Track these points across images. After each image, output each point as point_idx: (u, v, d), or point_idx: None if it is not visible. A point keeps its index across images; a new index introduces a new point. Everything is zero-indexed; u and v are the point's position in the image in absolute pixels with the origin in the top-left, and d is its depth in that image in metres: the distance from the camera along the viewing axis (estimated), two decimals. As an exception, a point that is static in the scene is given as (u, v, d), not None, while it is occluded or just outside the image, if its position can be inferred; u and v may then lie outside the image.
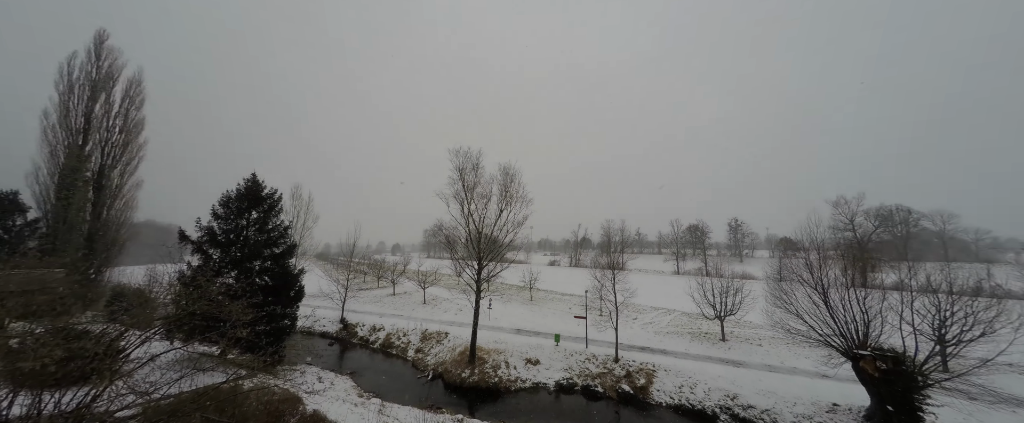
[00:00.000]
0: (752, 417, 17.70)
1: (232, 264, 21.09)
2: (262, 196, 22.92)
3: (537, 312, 38.42)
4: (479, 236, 25.21)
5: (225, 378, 9.99)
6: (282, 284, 22.28)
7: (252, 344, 14.94)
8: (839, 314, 16.61)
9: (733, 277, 29.93)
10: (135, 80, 29.32)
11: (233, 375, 11.31)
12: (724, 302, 28.09)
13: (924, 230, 73.89)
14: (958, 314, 16.69)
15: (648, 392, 20.60)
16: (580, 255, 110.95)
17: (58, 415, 6.17)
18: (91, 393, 6.56)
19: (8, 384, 6.12)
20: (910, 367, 14.88)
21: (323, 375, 22.62)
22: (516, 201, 25.38)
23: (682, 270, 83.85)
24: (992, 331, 15.31)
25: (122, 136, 28.35)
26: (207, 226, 21.62)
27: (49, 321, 7.82)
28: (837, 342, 16.63)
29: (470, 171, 25.31)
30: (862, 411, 16.58)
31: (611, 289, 25.88)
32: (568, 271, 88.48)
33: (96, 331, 8.48)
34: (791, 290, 18.95)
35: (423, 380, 23.89)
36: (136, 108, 29.20)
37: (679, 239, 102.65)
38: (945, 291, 17.57)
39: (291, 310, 22.91)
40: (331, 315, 36.92)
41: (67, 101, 26.66)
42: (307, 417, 14.88)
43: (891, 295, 17.29)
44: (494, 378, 22.50)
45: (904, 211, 71.93)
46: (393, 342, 30.61)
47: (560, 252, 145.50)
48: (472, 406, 20.22)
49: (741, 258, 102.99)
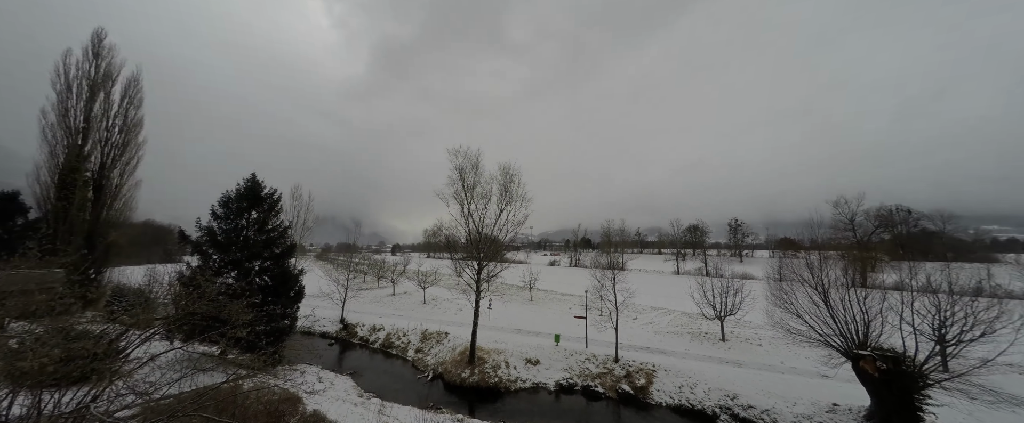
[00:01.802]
0: (752, 417, 17.70)
1: (232, 264, 21.09)
2: (262, 196, 22.93)
3: (537, 312, 38.40)
4: (479, 236, 25.20)
5: (225, 378, 9.97)
6: (282, 284, 22.30)
7: (252, 344, 14.91)
8: (839, 314, 16.60)
9: (733, 277, 29.93)
10: (134, 79, 29.30)
11: (233, 375, 11.30)
12: (724, 302, 28.07)
13: (924, 230, 73.91)
14: (958, 314, 16.66)
15: (648, 392, 20.59)
16: (580, 255, 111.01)
17: (58, 415, 6.15)
18: (91, 393, 6.54)
19: (8, 384, 6.11)
20: (910, 367, 14.88)
21: (323, 375, 22.59)
22: (516, 201, 25.37)
23: (682, 270, 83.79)
24: (992, 331, 15.29)
25: (121, 136, 28.33)
26: (207, 226, 21.63)
27: (49, 321, 7.81)
28: (837, 342, 16.61)
29: (470, 171, 25.28)
30: (862, 411, 16.57)
31: (611, 289, 25.86)
32: (568, 271, 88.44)
33: (96, 331, 8.48)
34: (791, 290, 18.94)
35: (423, 380, 23.88)
36: (135, 107, 29.18)
37: (679, 239, 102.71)
38: (945, 291, 17.56)
39: (291, 310, 22.93)
40: (331, 315, 36.89)
41: (66, 100, 26.61)
42: (307, 417, 14.87)
43: (891, 295, 17.28)
44: (494, 378, 22.49)
45: (904, 211, 71.99)
46: (393, 342, 30.59)
47: (560, 252, 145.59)
48: (472, 406, 20.20)
49: (741, 258, 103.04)
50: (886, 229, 69.86)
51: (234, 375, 11.29)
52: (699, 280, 30.89)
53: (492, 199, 25.39)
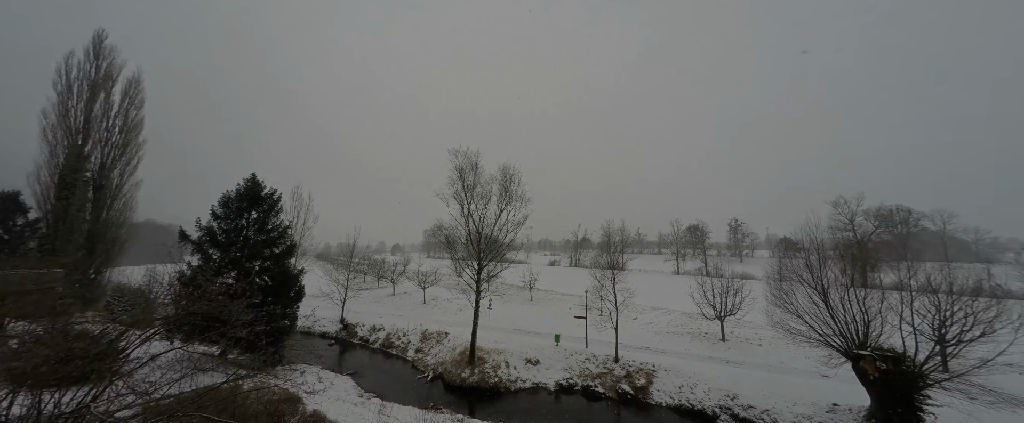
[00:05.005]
0: (752, 417, 17.70)
1: (232, 264, 21.10)
2: (262, 196, 22.93)
3: (537, 312, 38.41)
4: (479, 236, 25.20)
5: (225, 378, 9.97)
6: (282, 284, 22.30)
7: (252, 344, 14.92)
8: (839, 314, 16.60)
9: (733, 277, 29.93)
10: (134, 80, 29.25)
11: (233, 375, 11.31)
12: (724, 302, 28.08)
13: (924, 230, 73.87)
14: (958, 314, 16.67)
15: (648, 392, 20.59)
16: (580, 255, 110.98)
17: (58, 415, 6.16)
18: (91, 393, 6.55)
19: (8, 384, 6.12)
20: (910, 367, 14.88)
21: (323, 375, 22.60)
22: (516, 201, 25.36)
23: (682, 270, 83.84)
24: (992, 331, 15.29)
25: (122, 136, 28.27)
26: (207, 226, 21.64)
27: (49, 321, 7.82)
28: (837, 342, 16.62)
29: (470, 171, 25.28)
30: (862, 411, 16.57)
31: (611, 289, 25.87)
32: (568, 271, 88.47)
33: (96, 331, 8.49)
34: (791, 290, 18.95)
35: (423, 380, 23.88)
36: (136, 108, 29.13)
37: (679, 239, 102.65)
38: (945, 291, 17.56)
39: (291, 310, 22.93)
40: (331, 315, 36.89)
41: (66, 101, 26.58)
42: (307, 417, 14.86)
43: (891, 295, 17.28)
44: (494, 378, 22.49)
45: (904, 211, 71.92)
46: (393, 342, 30.60)
47: (560, 252, 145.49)
48: (472, 406, 20.21)
49: (741, 258, 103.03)
50: (886, 229, 69.82)
51: (234, 375, 11.29)
52: (699, 280, 30.89)
53: (492, 199, 25.43)
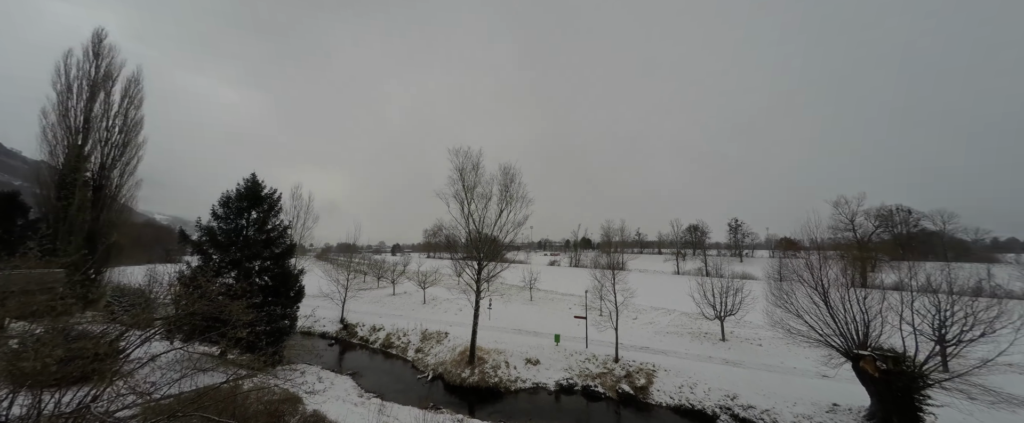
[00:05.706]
0: (752, 417, 17.70)
1: (232, 264, 21.10)
2: (262, 196, 22.94)
3: (537, 312, 38.40)
4: (479, 236, 25.20)
5: (225, 378, 9.96)
6: (282, 284, 22.31)
7: (252, 344, 14.95)
8: (839, 314, 16.61)
9: (733, 277, 29.94)
10: (134, 79, 29.23)
11: (233, 375, 11.29)
12: (724, 302, 28.08)
13: (924, 230, 73.89)
14: (958, 314, 16.68)
15: (648, 392, 20.59)
16: (580, 255, 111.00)
17: (58, 415, 6.15)
18: (91, 393, 6.54)
19: (8, 384, 6.11)
20: (910, 367, 14.88)
21: (323, 375, 22.61)
22: (516, 201, 25.39)
23: (682, 270, 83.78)
24: (992, 331, 15.30)
25: (122, 136, 28.27)
26: (207, 226, 21.65)
27: (49, 321, 7.81)
28: (837, 342, 16.62)
29: (470, 171, 25.31)
30: (862, 411, 16.58)
31: (611, 289, 25.87)
32: (568, 271, 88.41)
33: (96, 331, 8.48)
34: (791, 290, 18.95)
35: (423, 380, 23.88)
36: (135, 107, 29.11)
37: (679, 239, 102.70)
38: (945, 291, 17.57)
39: (291, 310, 22.94)
40: (331, 315, 36.90)
41: (66, 100, 26.57)
42: (307, 417, 14.86)
43: (891, 295, 17.28)
44: (494, 378, 22.49)
45: (904, 211, 71.99)
46: (393, 342, 30.59)
47: (560, 252, 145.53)
48: (472, 406, 20.21)
49: (741, 258, 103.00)
50: (886, 229, 69.90)
51: (234, 375, 11.27)
52: (699, 280, 30.90)
53: (492, 199, 25.46)
